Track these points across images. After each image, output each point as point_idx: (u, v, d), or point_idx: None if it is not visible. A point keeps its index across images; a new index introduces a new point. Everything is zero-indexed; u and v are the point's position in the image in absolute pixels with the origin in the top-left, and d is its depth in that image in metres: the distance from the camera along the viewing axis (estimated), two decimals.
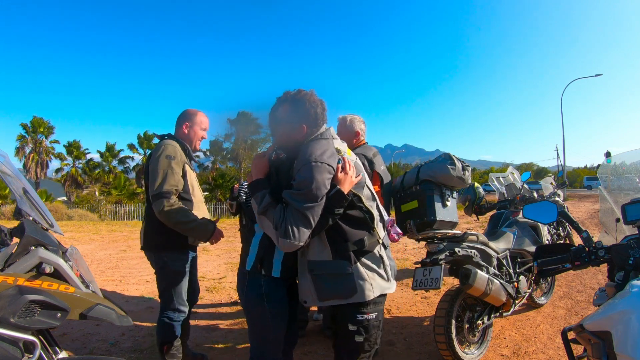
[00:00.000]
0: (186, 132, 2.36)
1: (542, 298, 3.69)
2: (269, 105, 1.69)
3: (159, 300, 2.35)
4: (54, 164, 32.54)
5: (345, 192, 1.54)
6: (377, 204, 1.73)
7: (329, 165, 1.51)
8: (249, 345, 1.81)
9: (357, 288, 1.58)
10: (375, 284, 1.61)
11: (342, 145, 1.70)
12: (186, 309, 2.35)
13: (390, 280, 1.68)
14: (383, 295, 1.66)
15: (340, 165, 1.55)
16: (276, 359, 1.74)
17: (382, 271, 1.65)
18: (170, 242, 2.22)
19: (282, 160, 1.70)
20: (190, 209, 2.22)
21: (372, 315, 1.63)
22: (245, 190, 1.56)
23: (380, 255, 1.66)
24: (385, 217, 1.81)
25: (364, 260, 1.61)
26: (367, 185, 1.69)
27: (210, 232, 2.21)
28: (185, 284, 2.31)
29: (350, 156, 1.69)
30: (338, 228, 1.60)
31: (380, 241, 1.68)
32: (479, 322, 2.64)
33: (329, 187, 1.52)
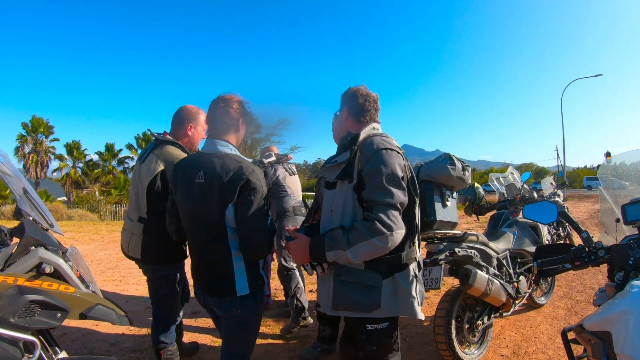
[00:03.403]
0: (190, 134, 2.23)
1: (542, 298, 3.69)
2: (268, 105, 1.70)
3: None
4: (54, 164, 32.58)
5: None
6: (419, 219, 1.58)
7: (396, 151, 1.49)
8: None
9: (382, 304, 1.44)
10: (403, 304, 1.47)
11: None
12: (181, 314, 2.36)
13: (419, 305, 1.51)
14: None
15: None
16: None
17: (415, 292, 1.49)
18: (172, 256, 2.18)
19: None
20: None
21: (384, 325, 1.50)
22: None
23: (415, 274, 1.51)
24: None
25: (397, 276, 1.47)
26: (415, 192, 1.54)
27: None
28: (180, 290, 2.31)
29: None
30: None
31: (417, 259, 1.55)
32: (479, 322, 2.64)
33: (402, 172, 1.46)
